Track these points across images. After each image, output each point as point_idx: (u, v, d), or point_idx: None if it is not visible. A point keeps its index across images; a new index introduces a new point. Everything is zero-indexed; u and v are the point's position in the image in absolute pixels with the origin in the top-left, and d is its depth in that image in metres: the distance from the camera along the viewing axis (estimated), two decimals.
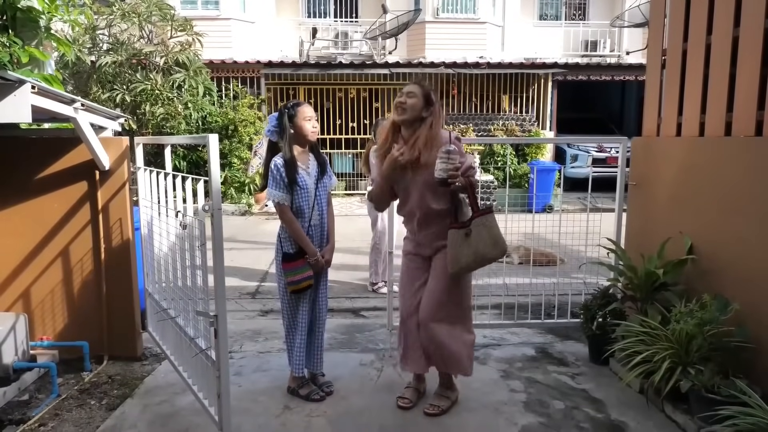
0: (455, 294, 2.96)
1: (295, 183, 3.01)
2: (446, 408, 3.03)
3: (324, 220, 3.17)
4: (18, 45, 3.55)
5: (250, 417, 2.99)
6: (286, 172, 2.99)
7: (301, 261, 3.04)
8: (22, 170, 3.58)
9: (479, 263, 2.85)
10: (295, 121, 3.03)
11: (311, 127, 3.06)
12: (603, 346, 3.47)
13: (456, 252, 2.83)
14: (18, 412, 3.07)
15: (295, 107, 3.05)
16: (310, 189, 3.07)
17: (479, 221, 2.84)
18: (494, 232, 2.86)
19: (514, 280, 4.49)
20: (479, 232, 2.83)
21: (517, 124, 12.11)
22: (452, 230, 2.86)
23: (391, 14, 12.12)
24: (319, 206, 3.13)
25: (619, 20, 13.34)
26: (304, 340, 3.14)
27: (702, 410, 2.62)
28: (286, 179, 2.98)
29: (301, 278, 3.03)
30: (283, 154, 3.02)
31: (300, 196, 3.05)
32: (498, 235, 2.87)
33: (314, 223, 3.11)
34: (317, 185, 3.12)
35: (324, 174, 3.16)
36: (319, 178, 3.13)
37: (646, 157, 3.81)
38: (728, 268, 3.00)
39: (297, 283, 3.03)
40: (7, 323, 3.28)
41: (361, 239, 7.25)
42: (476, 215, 2.85)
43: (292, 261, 3.05)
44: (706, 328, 2.76)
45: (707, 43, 3.24)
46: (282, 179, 2.99)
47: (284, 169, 2.99)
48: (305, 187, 3.05)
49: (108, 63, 9.38)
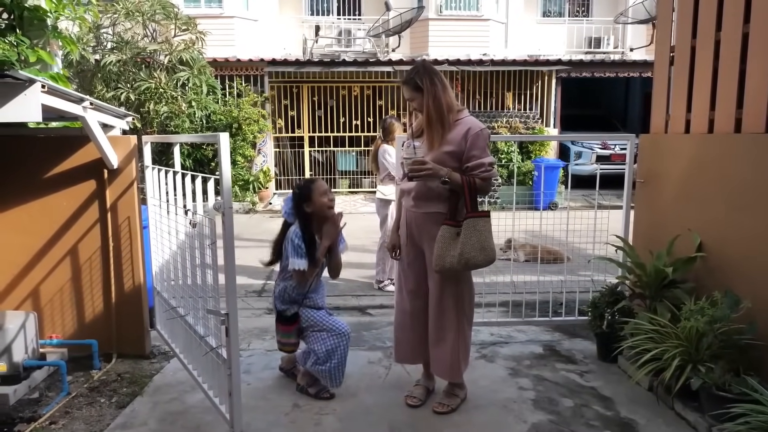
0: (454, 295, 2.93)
1: (313, 258, 3.07)
2: (455, 406, 3.03)
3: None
4: (25, 44, 3.56)
5: (260, 414, 2.99)
6: (307, 247, 3.06)
7: (291, 327, 3.17)
8: (30, 169, 3.59)
9: (463, 266, 2.75)
10: (313, 198, 3.06)
11: (328, 200, 3.10)
12: (611, 344, 3.47)
13: (442, 249, 2.76)
14: (29, 410, 3.09)
15: (308, 186, 3.09)
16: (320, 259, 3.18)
17: (470, 223, 2.75)
18: (483, 237, 2.75)
19: (521, 277, 4.49)
20: (468, 234, 2.73)
21: (521, 121, 12.08)
22: (444, 226, 2.79)
23: (394, 11, 12.08)
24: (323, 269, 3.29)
25: (622, 17, 13.30)
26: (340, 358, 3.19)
27: (713, 408, 2.62)
28: (307, 251, 3.05)
29: (286, 342, 3.22)
30: (302, 231, 3.09)
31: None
32: (486, 241, 2.76)
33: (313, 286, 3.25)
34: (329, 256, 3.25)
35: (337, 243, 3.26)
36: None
37: (653, 154, 3.80)
38: (738, 265, 2.99)
39: (282, 344, 3.24)
40: (17, 321, 3.29)
41: (366, 237, 7.25)
42: (469, 215, 2.75)
43: (283, 324, 3.19)
44: (716, 326, 2.75)
45: (716, 40, 3.22)
46: (301, 248, 3.05)
47: (302, 241, 3.06)
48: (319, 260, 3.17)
49: (112, 61, 9.38)
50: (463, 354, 3.03)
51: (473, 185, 2.76)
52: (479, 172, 2.76)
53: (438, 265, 2.79)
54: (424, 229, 2.93)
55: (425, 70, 2.82)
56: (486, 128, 2.83)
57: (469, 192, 2.75)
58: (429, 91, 2.77)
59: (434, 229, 2.85)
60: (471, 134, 2.76)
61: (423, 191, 2.87)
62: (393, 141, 5.32)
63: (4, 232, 3.60)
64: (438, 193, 2.83)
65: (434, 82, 2.78)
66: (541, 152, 11.55)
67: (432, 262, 2.87)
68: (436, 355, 3.04)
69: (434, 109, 2.78)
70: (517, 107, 12.44)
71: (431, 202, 2.87)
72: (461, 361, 3.01)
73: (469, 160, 2.78)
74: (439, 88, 2.79)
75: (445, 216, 2.83)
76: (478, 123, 2.83)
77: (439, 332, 2.98)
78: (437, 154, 2.79)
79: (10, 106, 2.57)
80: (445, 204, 2.84)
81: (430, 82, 2.78)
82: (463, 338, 3.00)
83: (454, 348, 2.96)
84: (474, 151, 2.76)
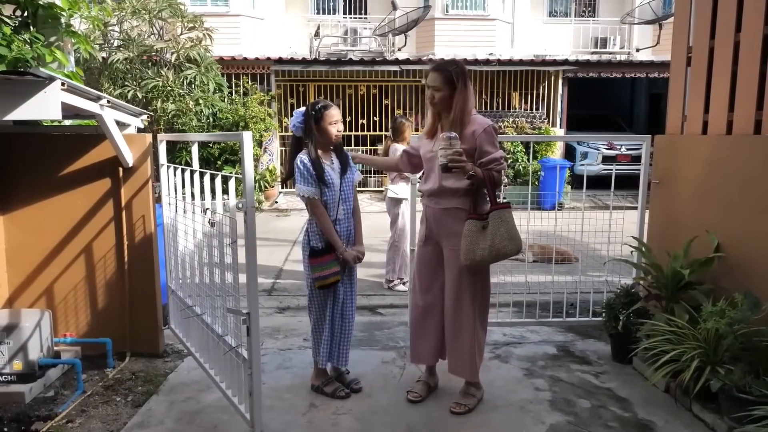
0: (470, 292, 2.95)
1: (322, 180, 3.02)
2: (472, 406, 3.03)
3: (349, 215, 3.17)
4: (40, 41, 3.55)
5: (277, 414, 2.99)
6: (314, 168, 3.00)
7: (330, 256, 3.03)
8: (45, 167, 3.59)
9: (494, 257, 2.82)
10: (321, 124, 3.04)
11: (336, 131, 3.07)
12: (627, 345, 3.45)
13: (470, 244, 2.81)
14: (44, 408, 3.08)
15: (322, 110, 3.03)
16: (336, 185, 3.08)
17: (496, 214, 2.83)
18: (510, 226, 2.84)
19: (535, 278, 4.48)
20: (497, 226, 2.81)
21: (528, 121, 12.07)
22: (470, 220, 2.84)
23: (401, 11, 12.07)
24: (345, 202, 3.13)
25: (629, 17, 13.28)
26: (329, 335, 3.14)
27: (733, 410, 2.61)
28: (315, 174, 3.00)
29: (328, 273, 3.02)
30: (308, 153, 3.03)
31: (326, 193, 3.05)
32: (514, 231, 2.86)
33: (341, 218, 3.11)
34: (341, 181, 3.12)
35: (346, 170, 3.17)
36: (343, 174, 3.14)
37: (669, 155, 3.78)
38: (757, 266, 2.98)
39: (324, 278, 3.02)
40: (32, 320, 3.29)
41: (374, 236, 7.23)
42: (494, 208, 2.84)
43: (320, 256, 3.03)
44: (736, 327, 2.74)
45: (736, 41, 3.21)
46: (310, 175, 3.00)
47: (311, 165, 3.00)
48: (331, 183, 3.06)
49: (119, 59, 9.38)
50: (479, 352, 3.05)
51: (493, 179, 2.85)
52: (494, 166, 2.85)
53: (468, 259, 2.82)
54: (442, 225, 2.99)
55: (462, 71, 2.91)
56: (492, 124, 2.92)
57: (491, 185, 2.84)
58: (461, 91, 2.88)
59: (452, 224, 2.93)
60: (480, 132, 2.85)
61: (440, 187, 2.94)
62: (403, 141, 5.33)
63: (19, 230, 3.60)
64: (455, 189, 2.91)
65: (467, 86, 2.91)
66: (547, 152, 11.53)
67: (450, 257, 2.95)
68: (453, 353, 3.07)
69: (460, 109, 2.88)
70: (523, 107, 12.43)
71: (449, 198, 2.95)
72: (477, 360, 3.03)
73: (482, 155, 2.86)
74: (469, 92, 2.92)
75: (466, 211, 2.90)
76: (485, 120, 2.92)
77: (455, 329, 3.01)
78: None
79: (31, 103, 2.57)
80: (461, 199, 2.92)
81: (464, 84, 2.89)
82: (478, 337, 3.02)
83: (470, 346, 2.98)
84: (486, 147, 2.85)
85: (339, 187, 3.09)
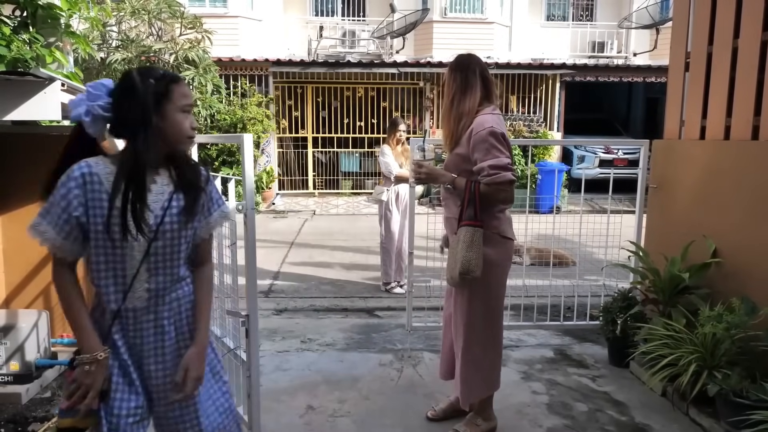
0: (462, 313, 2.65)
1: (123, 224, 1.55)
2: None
3: (168, 299, 1.69)
4: (39, 42, 3.55)
5: (274, 416, 2.99)
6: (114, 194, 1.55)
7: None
8: (43, 167, 3.56)
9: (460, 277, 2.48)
10: (166, 108, 1.60)
11: (190, 125, 1.64)
12: (624, 349, 3.47)
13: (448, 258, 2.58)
14: (41, 409, 3.07)
15: (170, 83, 1.61)
16: (145, 232, 1.58)
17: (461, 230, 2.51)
18: (459, 248, 2.48)
19: (532, 281, 4.49)
20: (454, 244, 2.53)
21: (525, 124, 12.10)
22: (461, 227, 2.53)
23: (399, 13, 12.10)
24: (164, 268, 1.65)
25: (626, 21, 13.34)
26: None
27: (730, 414, 2.62)
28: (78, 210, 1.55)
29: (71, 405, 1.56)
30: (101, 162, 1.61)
31: (108, 246, 1.58)
32: (462, 254, 2.45)
33: (135, 305, 1.64)
34: (168, 226, 1.63)
35: (195, 203, 1.67)
36: (179, 212, 1.64)
37: (667, 159, 3.80)
38: (754, 271, 3.00)
39: (64, 413, 1.58)
40: (29, 320, 3.28)
41: (371, 238, 7.25)
42: (461, 224, 2.52)
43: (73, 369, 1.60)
44: (733, 332, 2.76)
45: (734, 47, 3.23)
46: (68, 207, 1.55)
47: (81, 189, 1.57)
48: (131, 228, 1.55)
49: (118, 60, 9.37)
50: (472, 380, 2.68)
51: (475, 191, 2.48)
52: (482, 177, 2.47)
53: (447, 275, 2.63)
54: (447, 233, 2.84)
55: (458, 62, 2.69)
56: (492, 127, 2.45)
57: (469, 198, 2.50)
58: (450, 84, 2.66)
59: (449, 234, 2.77)
60: (473, 135, 2.48)
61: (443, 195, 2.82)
62: (392, 140, 5.43)
63: (17, 230, 3.59)
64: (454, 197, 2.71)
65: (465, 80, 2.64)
66: (544, 156, 11.57)
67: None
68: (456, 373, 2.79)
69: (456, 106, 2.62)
70: (521, 110, 12.46)
71: (448, 207, 2.77)
72: (469, 388, 2.68)
73: (474, 163, 2.52)
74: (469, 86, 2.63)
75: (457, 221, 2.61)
76: (485, 121, 2.49)
77: (456, 347, 2.77)
78: (451, 156, 2.68)
79: (30, 104, 2.57)
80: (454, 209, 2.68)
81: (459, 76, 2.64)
82: (472, 362, 2.66)
83: (462, 371, 2.68)
84: (476, 154, 2.47)
85: (152, 239, 1.60)
